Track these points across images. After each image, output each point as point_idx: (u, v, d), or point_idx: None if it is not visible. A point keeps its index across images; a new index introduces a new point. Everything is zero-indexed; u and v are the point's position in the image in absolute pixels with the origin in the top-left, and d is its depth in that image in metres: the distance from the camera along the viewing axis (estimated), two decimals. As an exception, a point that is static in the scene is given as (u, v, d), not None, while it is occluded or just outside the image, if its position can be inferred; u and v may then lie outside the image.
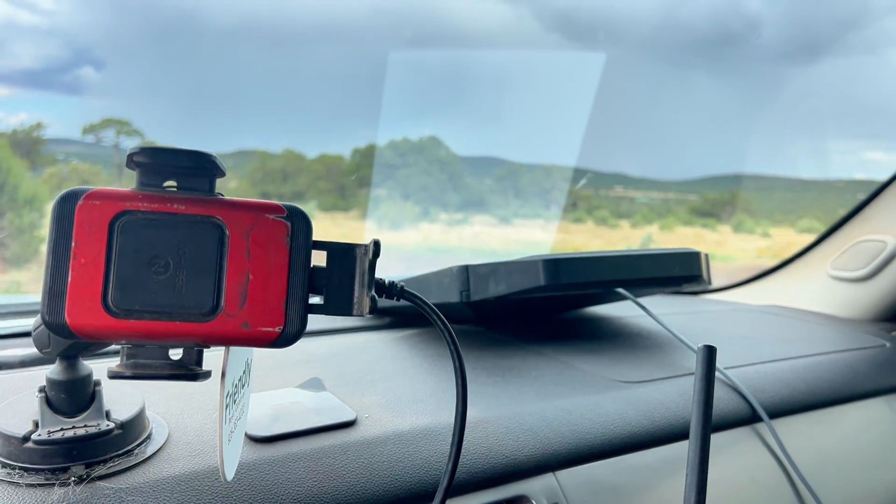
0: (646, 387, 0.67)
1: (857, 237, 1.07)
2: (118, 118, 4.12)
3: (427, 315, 0.41)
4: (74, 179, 4.19)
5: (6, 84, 3.69)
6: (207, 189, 0.37)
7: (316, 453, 0.50)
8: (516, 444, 0.56)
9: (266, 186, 5.19)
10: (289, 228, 0.37)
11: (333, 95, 5.06)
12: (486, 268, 0.71)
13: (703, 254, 0.79)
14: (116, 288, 0.34)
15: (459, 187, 5.26)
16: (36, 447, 0.44)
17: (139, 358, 0.36)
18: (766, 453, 0.66)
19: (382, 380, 0.64)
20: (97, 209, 0.35)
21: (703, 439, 0.42)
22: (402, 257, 4.34)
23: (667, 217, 5.76)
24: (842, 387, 0.76)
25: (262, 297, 0.36)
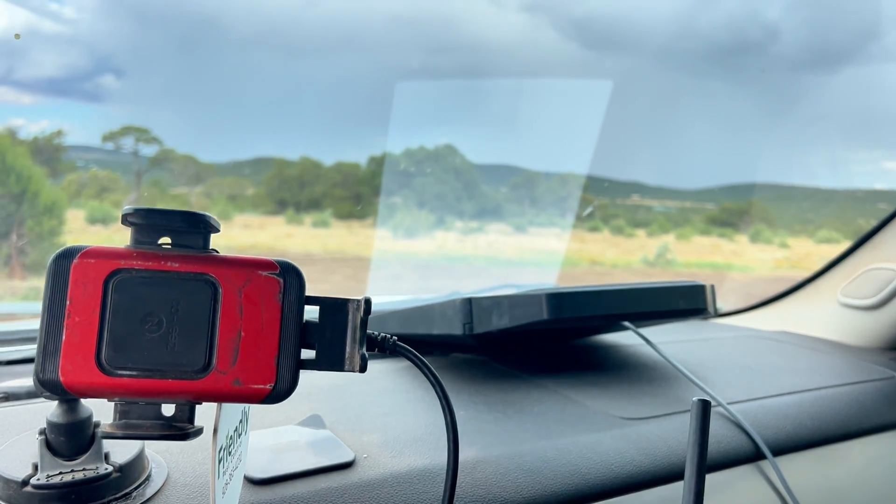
0: (648, 423, 0.67)
1: (868, 265, 1.06)
2: (137, 125, 4.14)
3: (422, 371, 0.41)
4: (94, 186, 4.24)
5: (29, 92, 3.68)
6: (201, 246, 0.38)
7: (313, 496, 0.50)
8: (514, 486, 0.56)
9: (282, 194, 5.23)
10: (281, 285, 0.37)
11: (350, 103, 5.07)
12: (490, 301, 0.71)
13: (708, 286, 0.78)
14: (110, 346, 0.35)
15: (475, 195, 5.26)
16: (34, 491, 0.45)
17: (131, 415, 0.36)
18: (770, 492, 0.66)
19: (382, 416, 0.64)
20: (92, 267, 0.35)
21: (696, 494, 0.42)
22: (416, 266, 4.35)
23: (683, 226, 5.72)
24: (848, 422, 0.75)
25: (253, 354, 0.36)
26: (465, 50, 4.08)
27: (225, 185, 5.41)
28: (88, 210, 4.28)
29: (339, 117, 4.64)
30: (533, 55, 3.68)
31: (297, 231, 5.12)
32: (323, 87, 4.65)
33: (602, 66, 3.51)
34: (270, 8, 3.54)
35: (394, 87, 4.04)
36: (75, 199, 4.19)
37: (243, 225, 5.21)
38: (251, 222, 5.22)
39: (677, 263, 5.48)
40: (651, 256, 5.51)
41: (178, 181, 5.01)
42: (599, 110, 2.19)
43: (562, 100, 3.47)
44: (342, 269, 4.53)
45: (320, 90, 4.42)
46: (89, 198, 4.40)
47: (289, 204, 5.28)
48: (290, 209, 5.23)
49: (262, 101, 4.14)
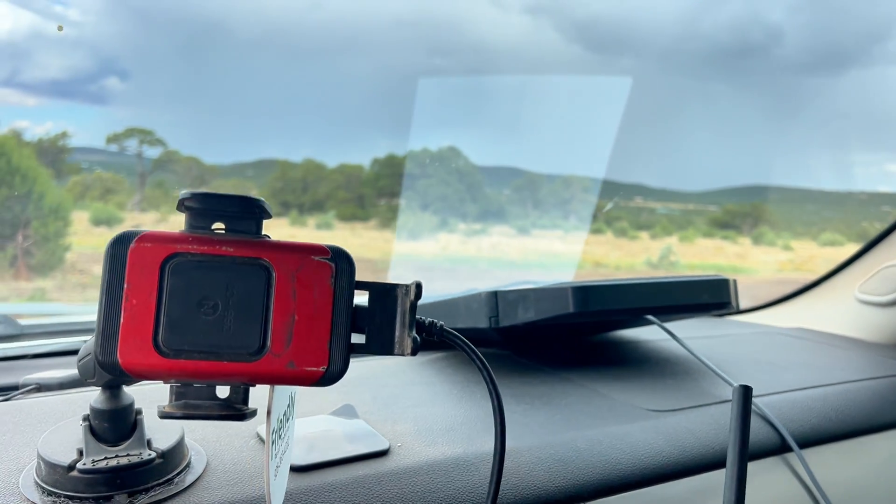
0: (675, 416, 0.67)
1: (886, 261, 1.07)
2: (141, 127, 4.12)
3: (469, 356, 0.42)
4: (98, 188, 4.25)
5: (34, 94, 3.67)
6: (255, 231, 0.38)
7: (351, 483, 0.50)
8: (547, 475, 0.56)
9: (286, 196, 5.24)
10: (333, 269, 0.38)
11: (354, 106, 5.08)
12: (516, 294, 0.71)
13: (731, 280, 0.79)
14: (167, 328, 0.35)
15: (478, 198, 5.27)
16: (81, 476, 0.45)
17: (188, 397, 0.37)
18: (797, 484, 0.66)
19: (413, 406, 0.65)
20: (149, 251, 0.36)
21: (738, 479, 0.43)
22: (420, 267, 4.35)
23: (687, 229, 5.73)
24: (872, 415, 0.76)
25: (306, 337, 0.37)
26: (469, 52, 4.09)
27: (228, 187, 5.43)
28: (93, 212, 4.28)
29: (342, 119, 4.63)
30: (536, 57, 3.69)
31: (301, 233, 5.12)
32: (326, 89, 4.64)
33: (605, 68, 3.52)
34: (274, 11, 3.54)
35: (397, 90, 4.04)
36: (80, 200, 4.19)
37: (247, 227, 5.17)
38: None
39: (681, 265, 5.49)
40: (654, 258, 5.52)
41: (182, 183, 5.02)
42: (604, 112, 2.19)
43: (565, 102, 3.48)
44: (346, 271, 4.54)
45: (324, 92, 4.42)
46: (93, 199, 4.39)
47: (292, 206, 5.28)
48: (294, 211, 5.24)
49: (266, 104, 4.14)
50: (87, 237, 4.16)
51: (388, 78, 3.79)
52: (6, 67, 2.64)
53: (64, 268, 3.56)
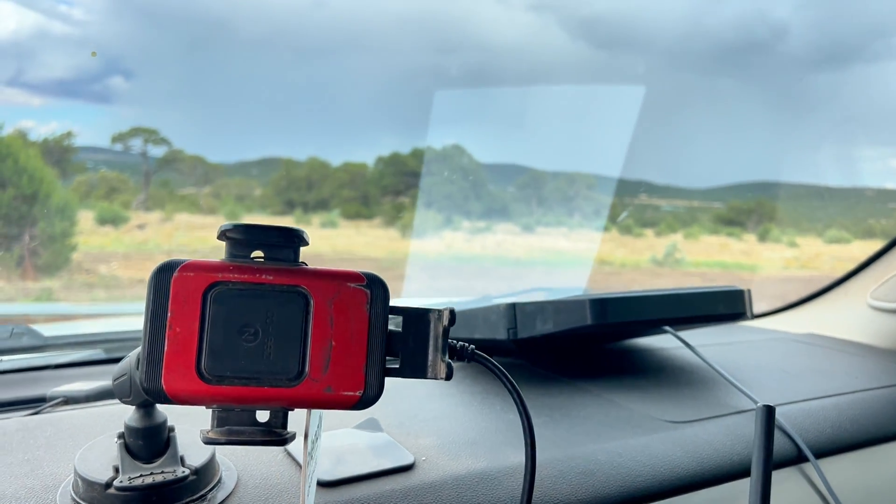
0: (693, 427, 0.68)
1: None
2: (146, 127, 4.14)
3: (500, 379, 0.43)
4: (103, 187, 4.25)
5: (38, 94, 3.68)
6: (293, 259, 0.39)
7: (378, 498, 0.51)
8: (570, 488, 0.57)
9: (290, 194, 5.24)
10: (368, 296, 0.39)
11: (358, 104, 5.08)
12: (534, 306, 0.72)
13: (746, 291, 0.80)
14: (209, 355, 0.36)
15: (482, 195, 5.28)
16: (118, 493, 0.46)
17: (230, 422, 0.38)
18: (814, 493, 0.67)
19: (434, 419, 0.66)
20: (191, 280, 0.37)
21: (763, 496, 0.44)
22: (424, 266, 4.36)
23: (692, 226, 5.74)
24: (886, 424, 0.76)
25: (343, 363, 0.38)
26: (473, 50, 4.09)
27: (233, 186, 5.43)
28: (98, 211, 4.29)
29: (346, 118, 4.64)
30: (540, 55, 3.69)
31: (305, 231, 5.11)
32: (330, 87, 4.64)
33: (610, 65, 3.52)
34: (278, 9, 3.55)
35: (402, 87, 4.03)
36: (85, 199, 4.19)
37: (252, 225, 5.18)
38: (259, 223, 5.22)
39: (686, 263, 5.50)
40: (659, 256, 5.53)
41: (187, 182, 5.03)
42: (610, 110, 2.19)
43: (569, 99, 3.49)
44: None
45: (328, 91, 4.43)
46: (99, 199, 4.40)
47: (297, 204, 5.29)
48: (298, 209, 5.25)
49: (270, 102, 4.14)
50: (92, 236, 4.17)
51: (393, 76, 3.79)
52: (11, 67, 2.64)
53: (70, 268, 3.57)
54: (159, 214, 4.66)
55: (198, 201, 5.09)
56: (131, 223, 4.23)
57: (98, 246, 3.88)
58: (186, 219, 4.91)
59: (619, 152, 3.04)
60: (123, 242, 4.06)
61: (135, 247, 4.07)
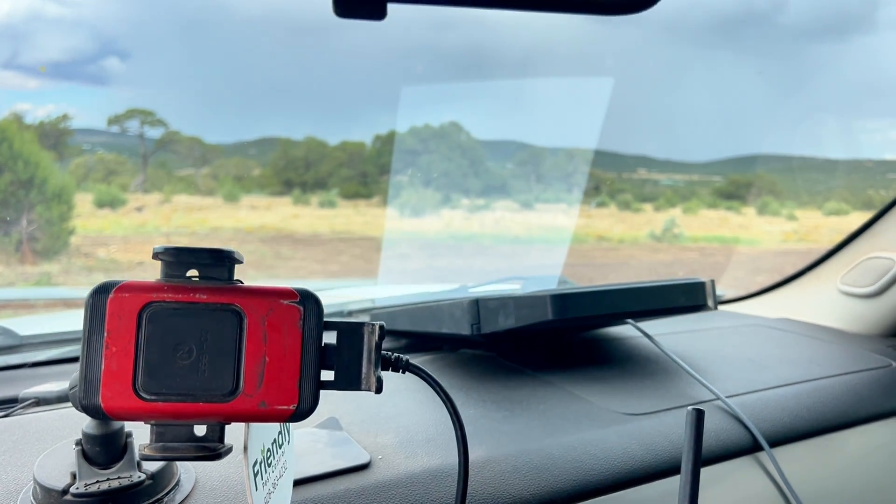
0: (650, 419, 0.69)
1: (867, 253, 1.08)
2: (142, 108, 4.10)
3: (434, 390, 0.44)
4: (101, 169, 4.24)
5: (35, 76, 3.67)
6: (227, 277, 0.40)
7: (333, 498, 0.53)
8: (522, 483, 0.59)
9: (288, 174, 5.21)
10: (301, 312, 0.40)
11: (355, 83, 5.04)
12: (496, 302, 0.73)
13: (708, 282, 0.81)
14: (145, 373, 0.38)
15: (481, 172, 5.27)
16: (74, 499, 0.48)
17: (167, 438, 0.39)
18: (768, 482, 0.69)
19: (396, 416, 0.67)
20: (127, 301, 0.38)
21: (691, 498, 0.45)
22: (423, 245, 4.37)
23: (690, 200, 5.72)
24: (845, 412, 0.78)
25: (277, 378, 0.39)
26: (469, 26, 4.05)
27: (231, 166, 5.38)
28: (96, 193, 4.28)
29: (343, 96, 4.61)
30: (538, 30, 3.66)
31: (304, 211, 5.13)
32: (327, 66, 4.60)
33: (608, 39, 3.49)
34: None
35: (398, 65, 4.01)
36: (83, 182, 4.17)
37: (250, 206, 5.22)
38: (258, 203, 5.24)
39: (684, 238, 5.49)
40: (658, 231, 5.52)
41: (185, 163, 4.99)
42: (605, 85, 2.18)
43: (568, 74, 3.46)
44: (350, 250, 4.56)
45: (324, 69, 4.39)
46: (96, 181, 4.39)
47: (295, 184, 5.27)
48: (297, 189, 5.23)
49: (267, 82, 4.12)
50: (91, 220, 4.17)
51: (389, 54, 3.77)
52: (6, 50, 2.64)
53: (69, 251, 3.58)
54: (157, 196, 4.66)
55: (196, 182, 5.09)
56: (129, 205, 4.24)
57: (96, 229, 3.90)
58: (185, 200, 4.91)
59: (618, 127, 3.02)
60: (122, 225, 4.08)
61: (133, 229, 4.08)
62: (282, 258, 4.59)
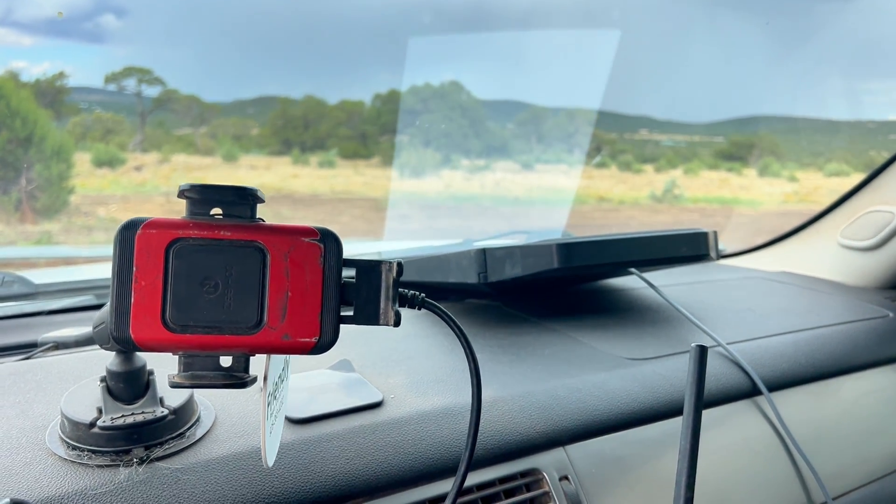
0: (651, 363, 0.72)
1: (867, 207, 1.09)
2: (139, 66, 4.10)
3: (448, 325, 0.46)
4: (98, 128, 4.25)
5: (29, 33, 3.64)
6: (250, 216, 0.42)
7: (348, 433, 0.55)
8: (529, 421, 0.61)
9: (287, 133, 5.21)
10: (322, 250, 0.41)
11: (354, 41, 5.00)
12: (503, 251, 0.75)
13: (711, 233, 0.82)
14: (173, 306, 0.39)
15: (481, 133, 5.24)
16: (101, 432, 0.50)
17: (195, 367, 0.41)
18: (766, 425, 0.71)
19: (406, 359, 0.69)
20: (154, 237, 0.39)
21: (693, 432, 0.47)
22: (423, 205, 4.37)
23: (692, 161, 5.70)
24: (841, 359, 0.80)
25: (299, 312, 0.41)
26: (471, -18, 4.00)
27: (229, 125, 5.38)
28: (94, 153, 4.28)
29: (342, 54, 4.58)
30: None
31: (304, 171, 5.13)
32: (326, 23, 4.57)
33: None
34: (271, -57, 3.46)
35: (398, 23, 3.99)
36: (81, 141, 4.17)
37: (249, 166, 5.21)
38: (257, 163, 5.23)
39: (684, 199, 5.49)
40: (658, 192, 5.51)
41: (183, 122, 4.99)
42: (607, 43, 2.17)
43: (569, 33, 3.42)
44: (350, 210, 4.57)
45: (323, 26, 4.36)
46: (95, 140, 4.38)
47: (294, 144, 5.26)
48: (296, 149, 5.22)
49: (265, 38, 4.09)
50: (90, 179, 4.16)
51: (389, 10, 3.72)
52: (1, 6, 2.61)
53: (69, 210, 3.59)
54: (156, 156, 4.64)
55: (194, 141, 5.07)
56: (128, 165, 4.23)
57: (96, 188, 3.89)
58: (184, 160, 4.90)
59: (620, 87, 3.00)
60: (121, 184, 4.07)
61: (133, 189, 4.08)
62: (282, 218, 4.57)
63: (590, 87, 3.26)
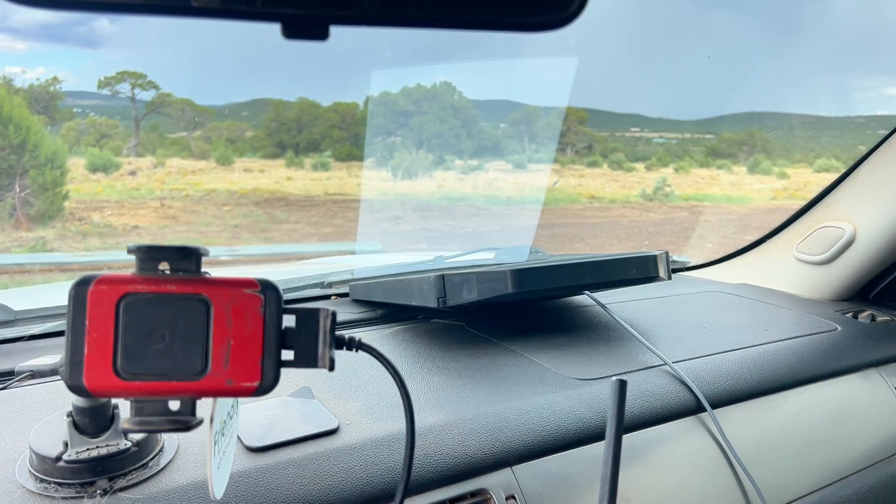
0: (600, 383, 0.75)
1: (821, 222, 1.13)
2: (133, 71, 4.11)
3: (384, 366, 0.49)
4: (93, 133, 4.26)
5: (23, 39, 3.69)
6: (194, 269, 0.45)
7: (302, 461, 0.59)
8: (478, 443, 0.64)
9: (281, 136, 5.24)
10: (262, 300, 0.45)
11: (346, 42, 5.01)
12: (460, 277, 0.78)
13: (661, 255, 0.86)
14: (123, 356, 0.43)
15: (473, 133, 5.28)
16: (67, 465, 0.53)
17: (144, 412, 0.45)
18: (710, 441, 0.75)
19: (365, 384, 0.73)
20: (105, 292, 0.43)
21: (613, 465, 0.51)
22: (416, 207, 4.40)
23: (683, 159, 5.75)
24: (786, 374, 0.83)
25: (241, 358, 0.44)
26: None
27: (223, 129, 5.41)
28: (89, 157, 4.30)
29: (335, 57, 4.62)
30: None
31: (298, 174, 5.17)
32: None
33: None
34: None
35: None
36: (75, 146, 4.18)
37: (244, 169, 5.25)
38: (251, 166, 5.26)
39: (675, 197, 5.54)
40: (649, 190, 5.57)
41: (177, 126, 4.98)
42: (599, 41, 2.19)
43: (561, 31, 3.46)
44: (344, 212, 4.60)
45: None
46: (89, 145, 4.40)
47: (288, 146, 5.30)
48: (290, 151, 5.26)
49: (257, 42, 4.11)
50: (84, 184, 4.18)
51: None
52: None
53: (63, 216, 3.61)
54: (151, 160, 4.67)
55: (189, 145, 5.09)
56: (123, 169, 4.26)
57: (90, 193, 3.92)
58: (178, 163, 4.93)
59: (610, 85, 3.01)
60: (116, 189, 4.10)
61: (127, 193, 4.11)
62: (276, 221, 4.62)
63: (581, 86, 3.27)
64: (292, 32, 0.43)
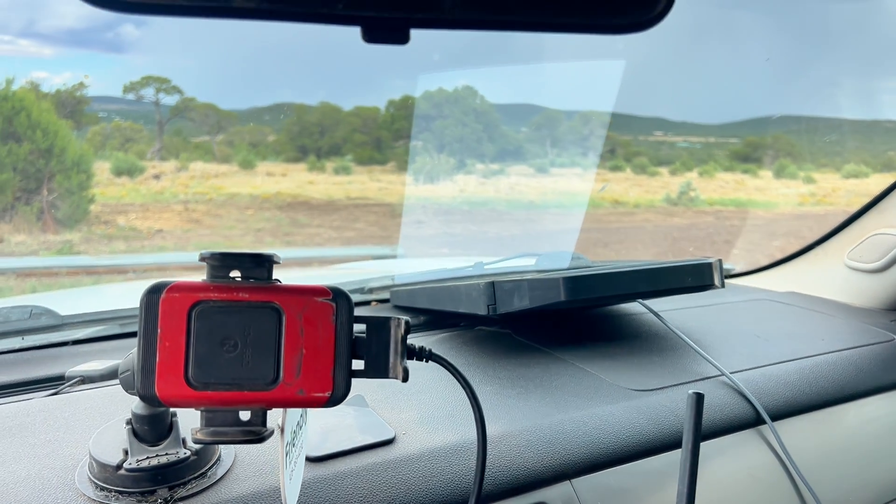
0: (657, 395, 0.73)
1: (874, 229, 1.10)
2: (157, 75, 4.13)
3: (456, 378, 0.48)
4: (118, 137, 4.28)
5: (51, 44, 3.70)
6: (266, 277, 0.44)
7: (360, 471, 0.58)
8: (536, 455, 0.63)
9: (303, 140, 5.24)
10: (334, 308, 0.44)
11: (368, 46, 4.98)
12: (511, 284, 0.77)
13: (715, 262, 0.84)
14: (195, 365, 0.42)
15: (495, 137, 5.26)
16: (128, 474, 0.53)
17: (216, 422, 0.44)
18: (770, 454, 0.73)
19: (418, 392, 0.72)
20: (177, 300, 0.42)
21: (690, 481, 0.49)
22: (438, 211, 4.40)
23: (707, 163, 5.70)
24: (845, 386, 0.81)
25: (313, 368, 0.43)
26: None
27: (246, 133, 5.42)
28: (114, 161, 4.33)
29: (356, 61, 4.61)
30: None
31: (319, 178, 5.18)
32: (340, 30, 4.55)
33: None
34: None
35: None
36: (100, 150, 4.22)
37: (266, 173, 5.26)
38: (274, 170, 5.27)
39: (700, 201, 5.49)
40: (674, 195, 5.52)
41: (200, 130, 5.02)
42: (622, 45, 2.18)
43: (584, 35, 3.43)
44: (366, 216, 4.60)
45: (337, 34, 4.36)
46: (114, 149, 4.43)
47: (309, 150, 5.30)
48: (312, 155, 5.26)
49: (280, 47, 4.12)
50: (109, 187, 4.21)
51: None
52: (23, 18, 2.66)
53: (89, 220, 3.64)
54: (174, 164, 4.71)
55: (212, 149, 5.13)
56: (147, 173, 4.29)
57: (115, 197, 3.95)
58: (202, 167, 4.96)
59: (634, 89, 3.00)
60: (140, 193, 4.13)
61: (151, 197, 4.14)
62: (298, 225, 4.64)
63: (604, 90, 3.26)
64: (373, 36, 0.42)
